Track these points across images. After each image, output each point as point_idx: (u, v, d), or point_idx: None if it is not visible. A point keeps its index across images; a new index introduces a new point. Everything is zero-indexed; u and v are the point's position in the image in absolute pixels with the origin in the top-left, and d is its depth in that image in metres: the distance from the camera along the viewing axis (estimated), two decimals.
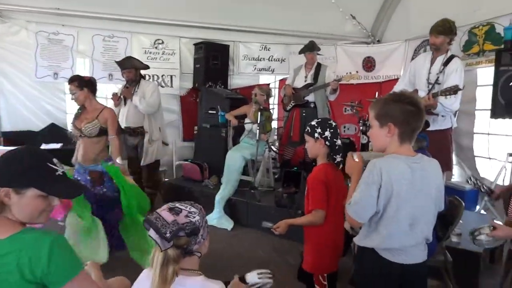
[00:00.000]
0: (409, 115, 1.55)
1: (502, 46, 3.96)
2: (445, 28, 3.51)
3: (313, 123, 2.12)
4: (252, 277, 1.66)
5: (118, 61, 4.76)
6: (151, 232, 1.33)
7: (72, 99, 3.31)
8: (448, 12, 4.98)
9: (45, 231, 1.27)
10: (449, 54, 3.57)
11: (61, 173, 1.34)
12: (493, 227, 1.83)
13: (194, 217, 1.37)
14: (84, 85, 3.23)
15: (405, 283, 1.63)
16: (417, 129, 1.59)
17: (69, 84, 3.24)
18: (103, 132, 3.26)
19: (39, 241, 1.21)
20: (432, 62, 3.65)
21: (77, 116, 3.35)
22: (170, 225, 1.30)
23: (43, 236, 1.23)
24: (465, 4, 4.68)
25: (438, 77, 3.53)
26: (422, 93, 3.62)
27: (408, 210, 1.56)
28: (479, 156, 4.46)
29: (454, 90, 3.23)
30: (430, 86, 3.57)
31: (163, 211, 1.36)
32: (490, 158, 4.33)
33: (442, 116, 3.56)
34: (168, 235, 1.28)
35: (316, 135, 2.07)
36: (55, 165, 1.32)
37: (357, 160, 1.72)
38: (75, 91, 3.21)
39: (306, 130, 2.14)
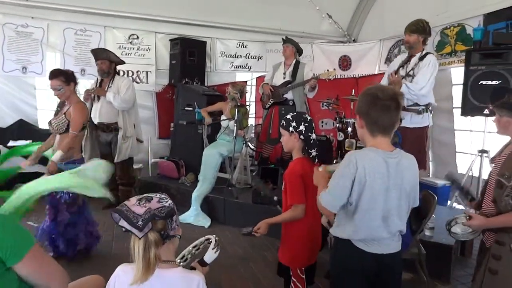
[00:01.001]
0: (369, 106, 1.58)
1: (472, 47, 4.10)
2: (418, 27, 3.63)
3: (288, 116, 2.12)
4: (210, 256, 1.67)
5: (93, 49, 4.63)
6: (123, 223, 1.33)
7: (55, 95, 3.16)
8: (421, 13, 5.13)
9: None
10: (424, 52, 3.68)
11: None
12: (469, 217, 1.87)
13: (167, 201, 1.39)
14: (71, 79, 3.12)
15: (380, 272, 1.66)
16: (382, 121, 1.58)
17: (52, 79, 3.08)
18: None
19: None
20: (409, 59, 3.74)
21: (56, 113, 3.25)
22: (142, 215, 1.31)
23: None
24: (437, 6, 4.83)
25: (413, 70, 3.64)
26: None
27: (381, 203, 1.58)
28: (460, 152, 4.60)
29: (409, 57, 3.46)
30: (407, 79, 3.67)
31: (133, 206, 1.35)
32: (471, 154, 4.49)
33: (419, 113, 3.63)
34: (140, 223, 1.29)
35: (290, 128, 2.07)
36: None
37: (321, 169, 1.77)
38: (61, 87, 3.07)
39: (281, 123, 2.14)
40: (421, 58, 3.61)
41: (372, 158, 1.57)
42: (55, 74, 3.08)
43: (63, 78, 3.07)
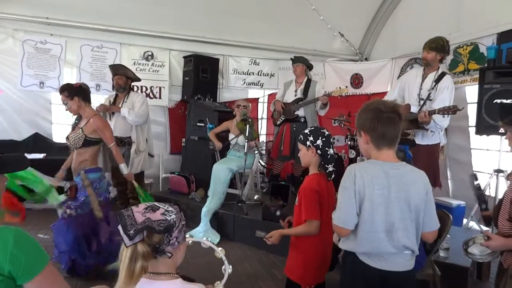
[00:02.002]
0: (374, 120, 1.60)
1: (486, 65, 4.07)
2: (437, 45, 3.59)
3: (306, 131, 2.12)
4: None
5: (112, 65, 4.74)
6: (119, 227, 1.30)
7: (66, 110, 3.19)
8: (434, 31, 5.11)
9: (4, 225, 1.24)
10: (440, 71, 3.63)
11: None
12: (487, 237, 1.81)
13: (170, 215, 1.34)
14: (74, 93, 3.08)
15: None
16: (389, 134, 1.59)
17: (60, 94, 3.13)
18: (89, 143, 3.12)
19: (2, 235, 1.18)
20: (423, 78, 3.69)
21: (73, 127, 3.26)
22: (138, 224, 1.27)
23: (5, 230, 1.20)
24: (450, 24, 4.82)
25: (430, 93, 3.58)
26: (414, 108, 3.66)
27: (382, 215, 1.56)
28: (477, 171, 4.51)
29: (453, 110, 3.26)
30: (422, 102, 3.62)
31: (137, 213, 1.32)
32: (488, 173, 4.40)
33: (431, 131, 3.60)
34: (131, 232, 1.25)
35: (308, 143, 2.06)
36: None
37: None
38: (66, 102, 3.09)
39: (299, 138, 2.14)
40: (438, 80, 3.53)
41: (371, 169, 1.59)
42: (61, 90, 3.11)
43: (66, 93, 3.07)
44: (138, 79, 4.67)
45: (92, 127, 3.11)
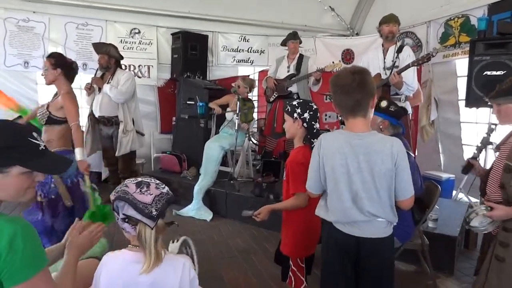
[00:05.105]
0: (333, 94, 1.67)
1: (476, 37, 4.04)
2: (398, 20, 3.90)
3: (294, 103, 2.09)
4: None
5: (94, 43, 4.62)
6: (131, 212, 1.29)
7: (42, 75, 2.99)
8: (425, 4, 5.08)
9: (12, 218, 1.10)
10: (398, 44, 3.92)
11: (43, 147, 1.22)
12: (490, 208, 1.76)
13: (164, 187, 1.35)
14: (59, 65, 2.91)
15: (362, 255, 1.63)
16: (344, 102, 1.62)
17: (46, 58, 2.96)
18: (52, 121, 2.90)
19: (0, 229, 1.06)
20: (385, 53, 3.95)
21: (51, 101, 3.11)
22: (152, 204, 1.29)
23: (6, 224, 1.07)
24: None
25: (394, 62, 3.82)
26: (384, 76, 3.88)
27: (346, 184, 1.59)
28: (466, 145, 4.56)
29: (427, 57, 3.52)
30: (388, 71, 3.82)
31: (136, 194, 1.31)
32: (477, 146, 4.45)
33: (405, 97, 3.81)
34: (154, 213, 1.28)
35: (295, 115, 2.04)
36: (36, 139, 1.20)
37: None
38: (46, 68, 2.91)
39: (286, 109, 2.10)
40: (399, 51, 3.81)
41: (336, 139, 1.65)
42: (50, 55, 2.97)
43: (53, 60, 2.91)
44: (121, 57, 4.54)
45: (60, 104, 2.91)
